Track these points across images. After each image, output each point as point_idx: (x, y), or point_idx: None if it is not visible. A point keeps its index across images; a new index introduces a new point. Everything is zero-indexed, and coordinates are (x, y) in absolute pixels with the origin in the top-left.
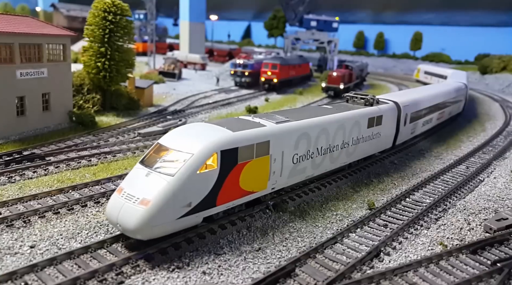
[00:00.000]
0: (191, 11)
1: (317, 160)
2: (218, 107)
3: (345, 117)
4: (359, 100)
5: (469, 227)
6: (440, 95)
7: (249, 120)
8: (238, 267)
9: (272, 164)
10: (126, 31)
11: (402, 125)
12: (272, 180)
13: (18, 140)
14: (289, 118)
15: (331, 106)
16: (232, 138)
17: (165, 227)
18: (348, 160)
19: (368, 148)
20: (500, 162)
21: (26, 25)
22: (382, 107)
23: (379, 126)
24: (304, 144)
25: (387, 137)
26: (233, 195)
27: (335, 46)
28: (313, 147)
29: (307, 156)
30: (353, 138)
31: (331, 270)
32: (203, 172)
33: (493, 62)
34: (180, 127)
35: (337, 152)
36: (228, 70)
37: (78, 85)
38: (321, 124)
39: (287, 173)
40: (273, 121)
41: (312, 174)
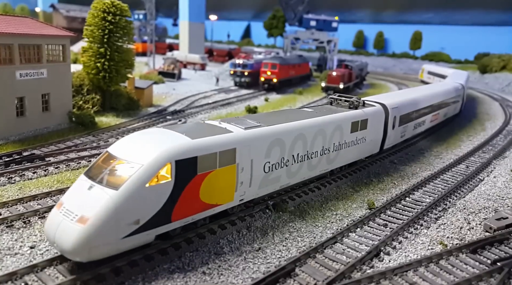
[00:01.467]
0: (191, 11)
1: (293, 168)
2: (218, 107)
3: (325, 121)
4: (343, 103)
5: (469, 226)
6: (433, 97)
7: (215, 125)
8: (238, 267)
9: (239, 173)
10: (125, 31)
11: (390, 129)
12: (240, 191)
13: (17, 141)
14: (261, 123)
15: (311, 110)
16: (190, 147)
17: (108, 248)
18: (330, 167)
19: (352, 153)
20: (500, 161)
21: (25, 26)
22: (368, 110)
23: (364, 130)
24: (277, 151)
25: (374, 141)
26: (192, 209)
27: (334, 45)
28: (288, 154)
29: (281, 164)
30: (335, 144)
31: (331, 269)
32: (154, 184)
33: (493, 61)
34: (133, 134)
35: (316, 159)
36: (227, 70)
37: (78, 85)
38: (297, 130)
39: (257, 183)
40: (241, 127)
41: (287, 182)
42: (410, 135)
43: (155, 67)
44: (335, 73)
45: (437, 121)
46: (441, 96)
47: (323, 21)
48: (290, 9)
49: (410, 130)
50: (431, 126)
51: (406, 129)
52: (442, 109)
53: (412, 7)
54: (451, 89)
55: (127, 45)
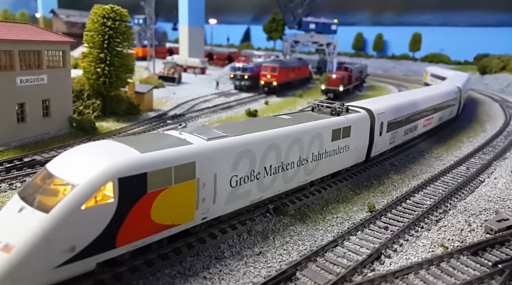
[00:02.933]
0: (190, 15)
1: (265, 180)
2: (218, 111)
3: (302, 130)
4: (325, 109)
5: (470, 228)
6: (425, 101)
7: (173, 136)
8: (239, 271)
9: (200, 189)
10: (125, 36)
11: (377, 136)
12: (202, 208)
13: (18, 146)
14: (227, 133)
15: (289, 117)
16: (137, 162)
17: (37, 279)
18: (309, 178)
19: (334, 163)
20: (500, 162)
21: (25, 32)
22: (351, 116)
23: (347, 138)
24: (246, 163)
25: (359, 150)
26: (142, 232)
27: (334, 48)
28: (259, 166)
29: (251, 177)
30: (314, 154)
31: (332, 273)
32: (92, 206)
33: (492, 62)
34: (76, 147)
35: (293, 170)
36: (227, 74)
37: (78, 91)
38: (269, 139)
39: (223, 199)
40: (203, 138)
41: (260, 197)
42: (400, 141)
43: (155, 72)
44: (335, 75)
45: (431, 126)
46: (434, 100)
47: (323, 24)
48: (289, 12)
49: (400, 137)
50: (424, 131)
51: (396, 136)
52: (437, 113)
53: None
54: (446, 92)
55: (127, 50)
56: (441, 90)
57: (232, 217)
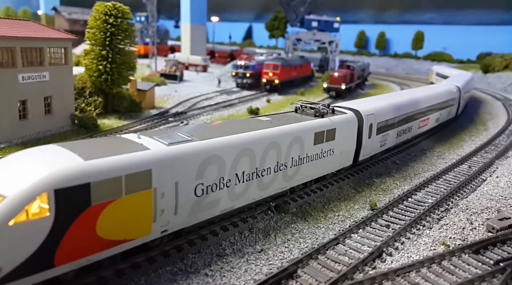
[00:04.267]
0: (192, 13)
1: (237, 188)
2: (220, 109)
3: (280, 133)
4: (309, 111)
5: (471, 227)
6: (420, 101)
7: (128, 140)
8: (240, 268)
9: (158, 200)
10: (127, 34)
11: (366, 138)
12: (162, 220)
13: (20, 144)
14: (193, 137)
15: (268, 119)
16: (79, 170)
17: None
18: (288, 185)
19: (316, 168)
20: (502, 161)
21: (27, 29)
22: (336, 118)
23: (332, 141)
24: (214, 169)
25: (345, 153)
26: (86, 249)
27: (336, 46)
28: (230, 172)
29: (220, 185)
30: (293, 158)
31: (333, 271)
32: (23, 221)
33: (495, 61)
34: (16, 153)
35: (269, 177)
36: (229, 72)
37: (80, 88)
38: (242, 144)
39: (187, 210)
40: (164, 142)
41: (231, 206)
42: (392, 144)
43: (157, 69)
44: (337, 74)
45: (427, 127)
46: (430, 100)
47: (325, 22)
48: (291, 10)
49: (392, 139)
50: (419, 132)
51: (387, 138)
52: (433, 114)
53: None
54: (444, 92)
55: (129, 47)
56: (438, 90)
57: (233, 214)
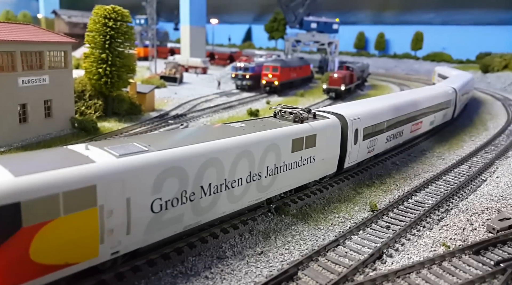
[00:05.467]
0: (192, 15)
1: (203, 202)
2: (220, 111)
3: (252, 140)
4: (288, 116)
5: (472, 227)
6: (412, 104)
7: (72, 152)
8: (240, 271)
9: (105, 219)
10: (126, 37)
11: (351, 144)
12: (111, 241)
13: (20, 147)
14: (151, 146)
15: (242, 125)
16: (7, 188)
17: None
18: (264, 196)
19: (295, 177)
20: (502, 161)
21: (27, 33)
22: (317, 123)
23: (312, 148)
24: (175, 183)
25: (327, 161)
26: (19, 275)
27: (335, 47)
28: (194, 185)
29: (182, 199)
30: (269, 168)
31: (334, 273)
32: None
33: (495, 61)
34: None
35: (241, 188)
36: (229, 74)
37: (80, 91)
38: (207, 154)
39: (142, 228)
40: (114, 154)
41: (197, 221)
42: (382, 149)
43: (156, 72)
44: (336, 75)
45: (420, 130)
46: (423, 102)
47: (324, 23)
48: (290, 12)
49: (381, 144)
50: (412, 136)
51: (376, 143)
52: (427, 117)
53: (413, 7)
54: (439, 94)
55: (128, 50)
56: (432, 92)
57: (233, 216)
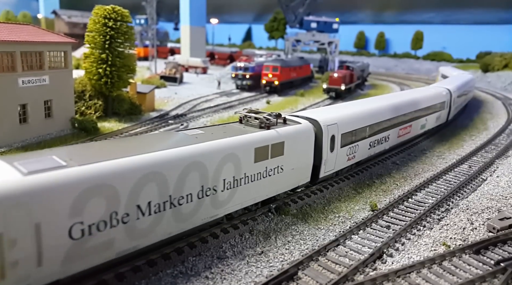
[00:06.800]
0: (192, 15)
1: (140, 224)
2: (220, 110)
3: (205, 151)
4: (253, 121)
5: (472, 227)
6: (398, 107)
7: None
8: (241, 271)
9: (6, 250)
10: (126, 37)
11: (327, 152)
12: (16, 276)
13: (21, 148)
14: (72, 160)
15: (196, 132)
16: None
17: None
18: (221, 212)
19: (260, 189)
20: (503, 160)
21: (27, 33)
22: (285, 130)
23: (280, 157)
24: (101, 203)
25: (298, 170)
26: None
27: (335, 47)
28: (128, 205)
29: (112, 222)
30: (226, 181)
31: (334, 272)
32: None
33: (495, 60)
34: None
35: (191, 205)
36: (229, 73)
37: (80, 91)
38: (144, 168)
39: (59, 257)
40: (21, 171)
41: (133, 246)
42: (365, 156)
43: (157, 72)
44: (336, 74)
45: (410, 135)
46: (413, 105)
47: (324, 23)
48: (290, 12)
49: (363, 151)
50: (400, 141)
51: (357, 150)
52: (417, 120)
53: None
54: (430, 96)
55: (128, 50)
56: (422, 94)
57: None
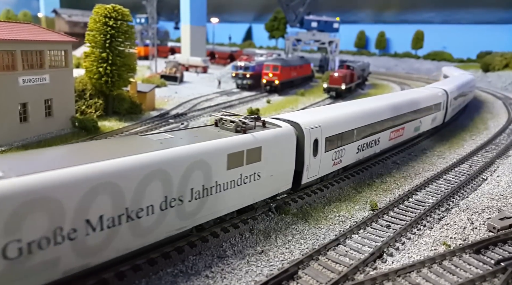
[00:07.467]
0: (192, 15)
1: (90, 240)
2: (220, 110)
3: (168, 158)
4: (229, 124)
5: (472, 227)
6: (389, 108)
7: None
8: (241, 270)
9: None
10: (127, 36)
11: (310, 157)
12: None
13: (21, 146)
14: (10, 171)
15: (163, 137)
16: None
17: None
18: (190, 223)
19: (234, 198)
20: (503, 160)
21: (27, 32)
22: (262, 134)
23: (256, 163)
24: (43, 218)
25: (279, 176)
26: None
27: (336, 46)
28: (75, 219)
29: (56, 239)
30: (194, 190)
31: (334, 272)
32: None
33: (495, 60)
34: None
35: (152, 218)
36: (229, 73)
37: (80, 90)
38: (94, 178)
39: None
40: None
41: (82, 264)
42: (353, 160)
43: (157, 71)
44: (337, 74)
45: (402, 138)
46: (405, 106)
47: (324, 22)
48: (291, 11)
49: (351, 155)
50: (393, 144)
51: (343, 154)
52: (410, 122)
53: (414, 6)
54: (425, 97)
55: (129, 49)
56: (416, 95)
57: (233, 216)
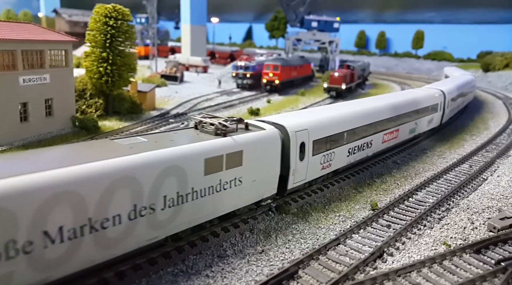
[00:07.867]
0: (192, 14)
1: (49, 253)
2: (220, 109)
3: (138, 164)
4: (209, 127)
5: (472, 226)
6: (382, 110)
7: None
8: (241, 269)
9: None
10: (127, 36)
11: (296, 161)
12: None
13: (21, 146)
14: None
15: (135, 142)
16: None
17: None
18: (162, 233)
19: (212, 205)
20: (503, 160)
21: (28, 31)
22: (244, 137)
23: (237, 168)
24: None
25: (262, 181)
26: None
27: (336, 46)
28: (31, 231)
29: (8, 253)
30: (168, 197)
31: (334, 271)
32: None
33: (496, 60)
34: None
35: (119, 228)
36: (229, 73)
37: (81, 90)
38: (51, 186)
39: None
40: None
41: (40, 279)
42: (344, 164)
43: (157, 71)
44: (337, 74)
45: (397, 140)
46: (399, 108)
47: (325, 22)
48: (291, 11)
49: (341, 158)
50: (386, 147)
51: (333, 158)
52: (405, 124)
53: (414, 6)
54: (421, 98)
55: (129, 49)
56: (412, 96)
57: (233, 216)
